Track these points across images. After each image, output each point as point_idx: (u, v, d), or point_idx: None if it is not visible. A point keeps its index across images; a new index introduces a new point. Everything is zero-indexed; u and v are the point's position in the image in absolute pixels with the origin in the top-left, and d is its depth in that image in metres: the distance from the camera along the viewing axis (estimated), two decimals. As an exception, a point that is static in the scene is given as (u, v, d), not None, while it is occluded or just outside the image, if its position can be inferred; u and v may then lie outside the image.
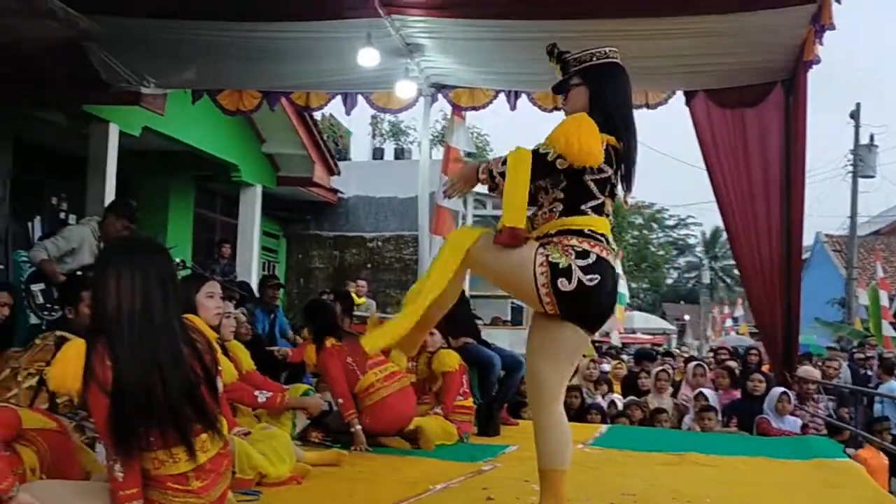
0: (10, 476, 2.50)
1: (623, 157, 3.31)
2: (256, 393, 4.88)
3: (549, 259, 3.13)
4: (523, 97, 8.09)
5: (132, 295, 2.49)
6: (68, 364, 2.53)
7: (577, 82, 3.47)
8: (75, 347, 2.55)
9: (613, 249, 3.29)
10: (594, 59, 3.48)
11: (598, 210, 3.27)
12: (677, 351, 19.14)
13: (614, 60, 3.50)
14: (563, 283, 3.11)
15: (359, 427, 5.23)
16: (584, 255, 3.14)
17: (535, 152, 3.17)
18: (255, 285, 10.30)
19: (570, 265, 3.11)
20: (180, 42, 7.41)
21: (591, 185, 3.23)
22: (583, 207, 3.24)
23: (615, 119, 3.33)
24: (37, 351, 4.07)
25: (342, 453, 4.78)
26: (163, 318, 2.54)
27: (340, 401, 5.31)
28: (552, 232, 3.23)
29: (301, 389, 5.50)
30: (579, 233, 3.20)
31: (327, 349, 5.48)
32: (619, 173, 3.32)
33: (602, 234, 3.24)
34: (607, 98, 3.40)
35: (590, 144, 3.13)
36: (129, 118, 8.92)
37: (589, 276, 3.11)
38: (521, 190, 3.15)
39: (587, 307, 3.18)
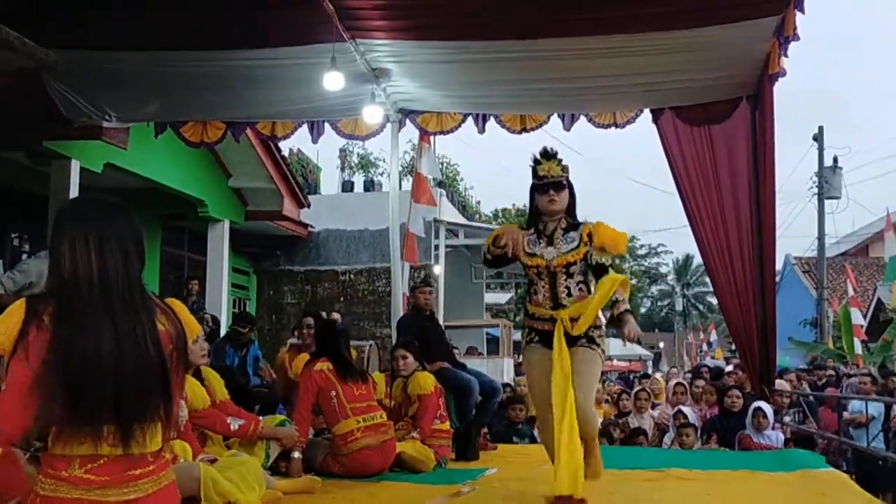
0: None
1: None
2: (229, 420, 4.70)
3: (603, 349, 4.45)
4: (491, 120, 8.04)
5: (88, 260, 2.29)
6: (5, 320, 2.26)
7: (566, 184, 4.49)
8: (18, 306, 2.29)
9: None
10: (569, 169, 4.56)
11: None
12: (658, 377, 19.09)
13: None
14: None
15: (299, 456, 5.02)
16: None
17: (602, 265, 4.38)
18: (225, 322, 10.13)
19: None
20: (141, 74, 7.30)
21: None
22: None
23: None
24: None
25: (316, 480, 4.62)
26: (124, 287, 2.33)
27: (295, 426, 5.14)
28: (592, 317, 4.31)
29: (277, 420, 5.30)
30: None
31: (315, 369, 5.33)
32: None
33: None
34: (575, 201, 4.58)
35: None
36: (91, 154, 8.76)
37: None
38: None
39: None
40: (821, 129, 23.92)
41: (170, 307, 2.50)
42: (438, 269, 14.44)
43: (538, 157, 4.50)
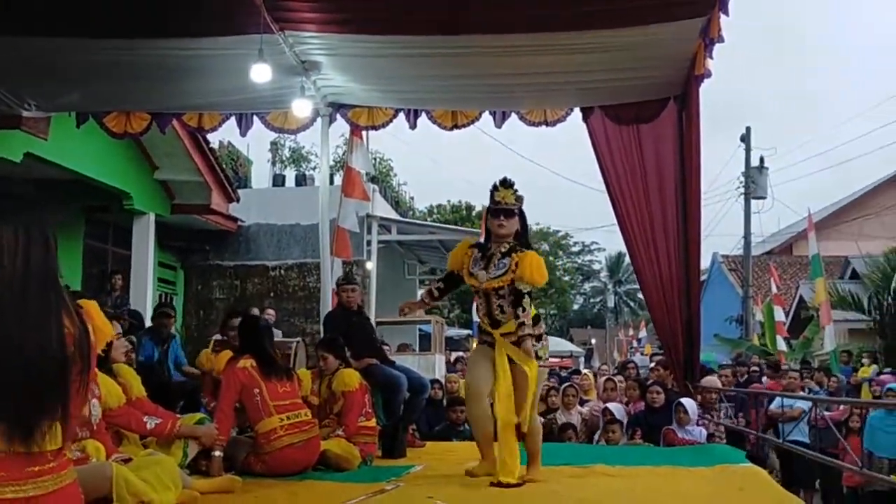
0: None
1: None
2: (145, 419, 4.58)
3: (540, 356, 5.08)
4: (423, 116, 8.00)
5: (15, 252, 2.24)
6: None
7: (517, 213, 5.00)
8: None
9: None
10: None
11: None
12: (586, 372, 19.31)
13: None
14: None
15: (219, 454, 4.91)
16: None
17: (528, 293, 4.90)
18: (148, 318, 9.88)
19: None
20: (63, 62, 7.07)
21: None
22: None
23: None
24: None
25: (236, 480, 4.53)
26: (43, 283, 2.29)
27: (216, 424, 5.01)
28: (526, 325, 4.83)
29: (195, 418, 5.19)
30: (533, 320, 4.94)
31: (238, 367, 5.22)
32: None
33: None
34: (527, 228, 5.16)
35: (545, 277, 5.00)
36: (9, 143, 8.47)
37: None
38: None
39: None
40: (748, 129, 24.50)
41: (77, 308, 2.44)
42: (371, 265, 14.37)
43: (497, 184, 5.00)
